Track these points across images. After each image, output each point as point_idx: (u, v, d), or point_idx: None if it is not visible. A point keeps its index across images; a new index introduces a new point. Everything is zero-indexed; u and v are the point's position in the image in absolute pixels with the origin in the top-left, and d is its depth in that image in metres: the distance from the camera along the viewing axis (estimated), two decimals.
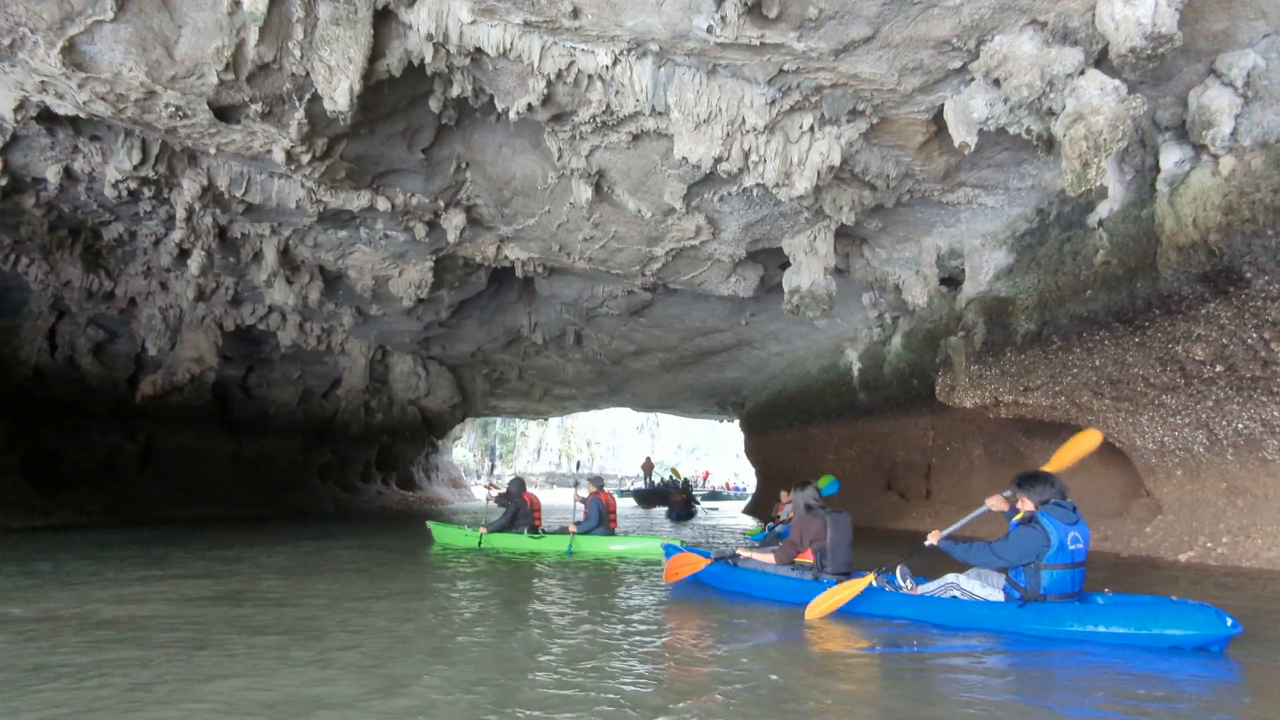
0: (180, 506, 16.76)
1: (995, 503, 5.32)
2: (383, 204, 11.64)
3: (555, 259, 13.64)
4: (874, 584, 5.41)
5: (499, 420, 56.91)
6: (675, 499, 21.30)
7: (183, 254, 13.09)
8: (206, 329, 16.08)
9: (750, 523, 17.98)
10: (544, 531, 10.67)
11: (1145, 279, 7.75)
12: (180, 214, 11.22)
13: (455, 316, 18.89)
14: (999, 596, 4.92)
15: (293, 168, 9.69)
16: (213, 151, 9.34)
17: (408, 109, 9.78)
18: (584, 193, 10.52)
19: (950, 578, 5.27)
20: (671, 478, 29.69)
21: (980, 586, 5.05)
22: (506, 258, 14.23)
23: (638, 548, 9.85)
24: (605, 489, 10.93)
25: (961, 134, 7.40)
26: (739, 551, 6.85)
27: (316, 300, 14.92)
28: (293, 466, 20.86)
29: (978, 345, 9.89)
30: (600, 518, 10.29)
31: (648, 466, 33.72)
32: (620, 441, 69.44)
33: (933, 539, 5.19)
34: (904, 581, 5.54)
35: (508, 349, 22.10)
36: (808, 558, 6.11)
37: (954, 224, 10.98)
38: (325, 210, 11.81)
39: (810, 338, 17.32)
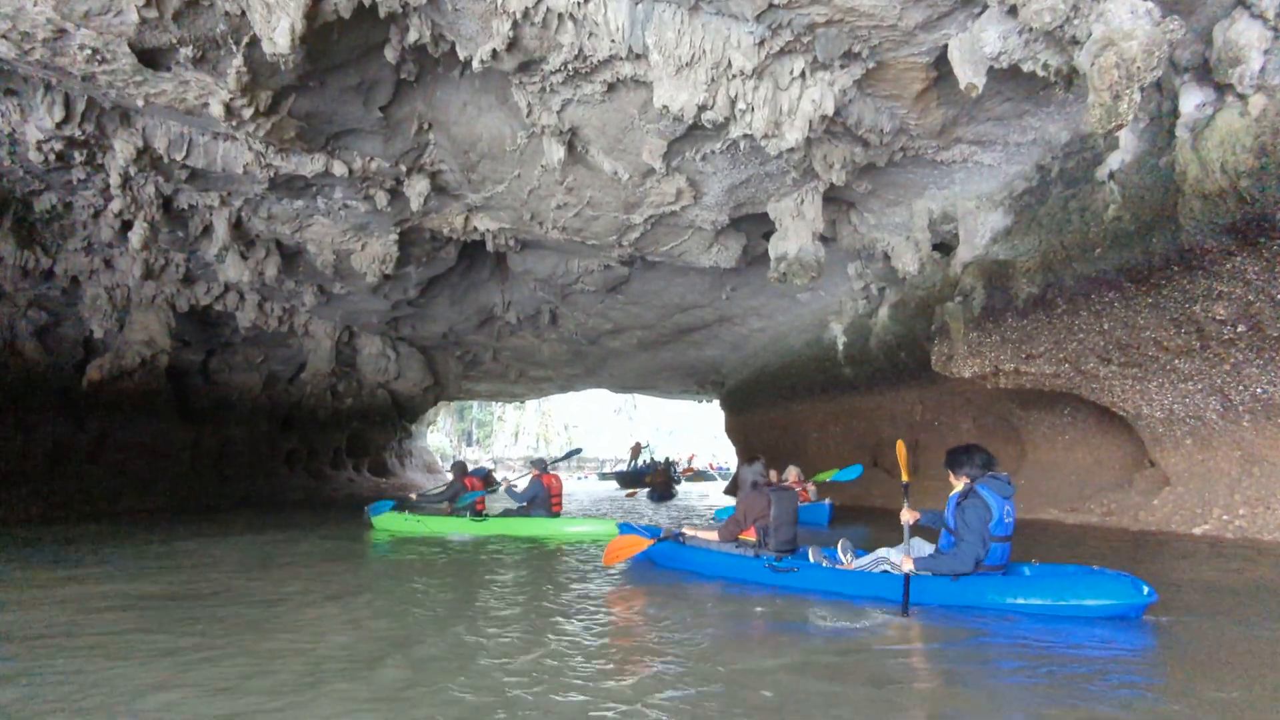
0: (136, 499, 15.75)
1: (906, 516, 5.09)
2: (339, 169, 10.70)
3: (527, 230, 12.78)
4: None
5: (475, 404, 55.86)
6: (656, 480, 21.26)
7: (125, 227, 12.05)
8: (157, 310, 14.99)
9: (729, 501, 17.40)
10: (486, 515, 10.35)
11: (1162, 233, 7.12)
12: (115, 180, 10.19)
13: (425, 296, 17.95)
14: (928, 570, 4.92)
15: (234, 124, 8.72)
16: (141, 104, 8.34)
17: (361, 60, 8.85)
18: (556, 153, 9.67)
19: (881, 552, 5.24)
20: (653, 460, 29.18)
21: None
22: (475, 229, 13.33)
23: (584, 530, 9.52)
24: (551, 471, 10.67)
25: (968, 74, 6.67)
26: (684, 530, 6.81)
27: (274, 277, 13.93)
28: (258, 455, 19.83)
29: (976, 311, 9.24)
30: (538, 501, 10.02)
31: (635, 450, 33.34)
32: (599, 424, 68.69)
33: (910, 516, 5.06)
34: (844, 556, 5.49)
35: (481, 329, 21.18)
36: (751, 535, 6.08)
37: (947, 185, 10.31)
38: (277, 176, 10.84)
39: (793, 312, 16.65)
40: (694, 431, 63.86)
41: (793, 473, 10.73)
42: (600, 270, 15.93)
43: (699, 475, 33.49)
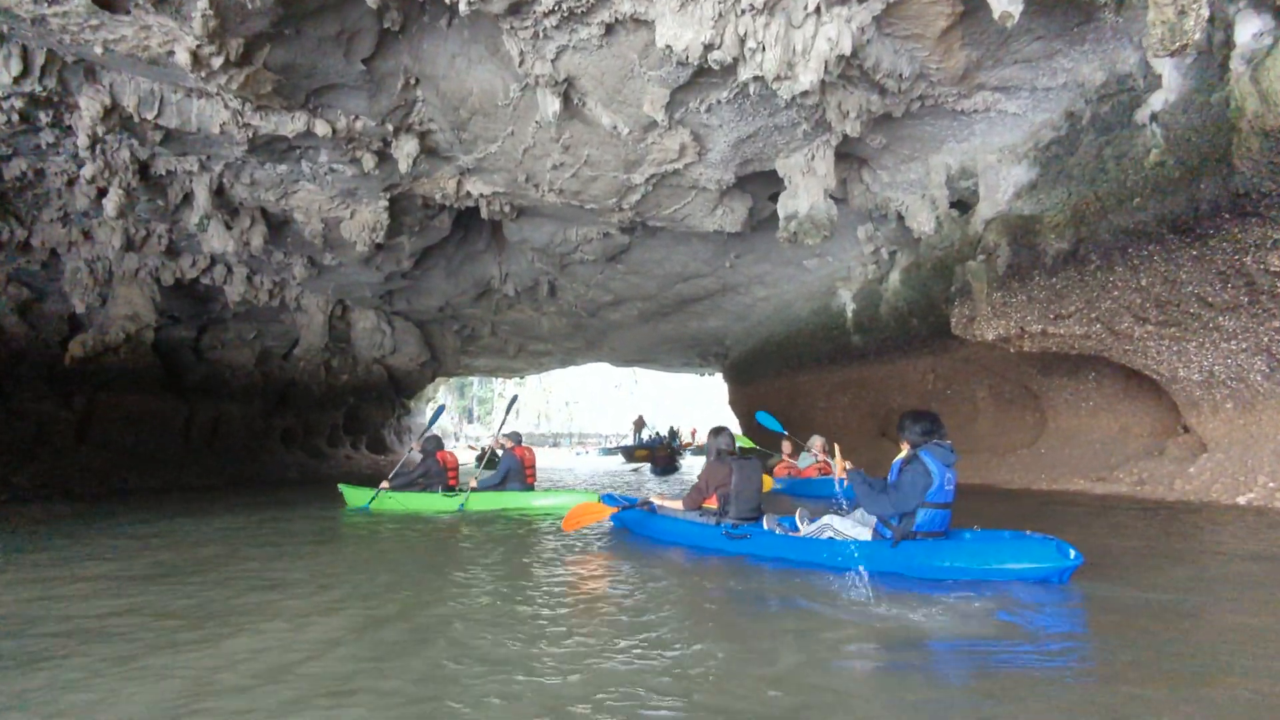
0: (126, 478, 15.22)
1: (839, 467, 5.30)
2: (322, 128, 10.02)
3: (522, 193, 12.11)
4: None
5: (476, 381, 55.37)
6: (659, 454, 21.06)
7: (101, 195, 11.41)
8: (141, 283, 14.36)
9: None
10: (459, 490, 10.11)
11: (1212, 178, 6.49)
12: (83, 140, 9.51)
13: (419, 267, 17.32)
14: (868, 536, 4.99)
15: (204, 76, 8.04)
16: (100, 52, 7.64)
17: (340, 6, 8.16)
18: (551, 105, 8.99)
19: (826, 519, 5.30)
20: (657, 434, 29.15)
21: (852, 526, 5.09)
22: (469, 194, 12.68)
23: (560, 502, 9.41)
24: (523, 444, 10.60)
25: (1004, 2, 6.00)
26: (652, 499, 6.93)
27: (260, 247, 13.28)
28: (253, 432, 19.28)
29: (1001, 270, 8.62)
30: (511, 474, 9.94)
31: (639, 423, 33.19)
32: (601, 400, 68.22)
33: (845, 468, 5.17)
34: (801, 524, 5.49)
35: (478, 302, 20.56)
36: (714, 504, 6.16)
37: (967, 138, 9.64)
38: (256, 137, 10.17)
39: (799, 280, 16.02)
40: (697, 406, 63.42)
41: (817, 442, 9.93)
42: (599, 238, 15.29)
43: (702, 450, 32.93)
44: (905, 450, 4.81)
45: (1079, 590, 4.20)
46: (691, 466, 23.15)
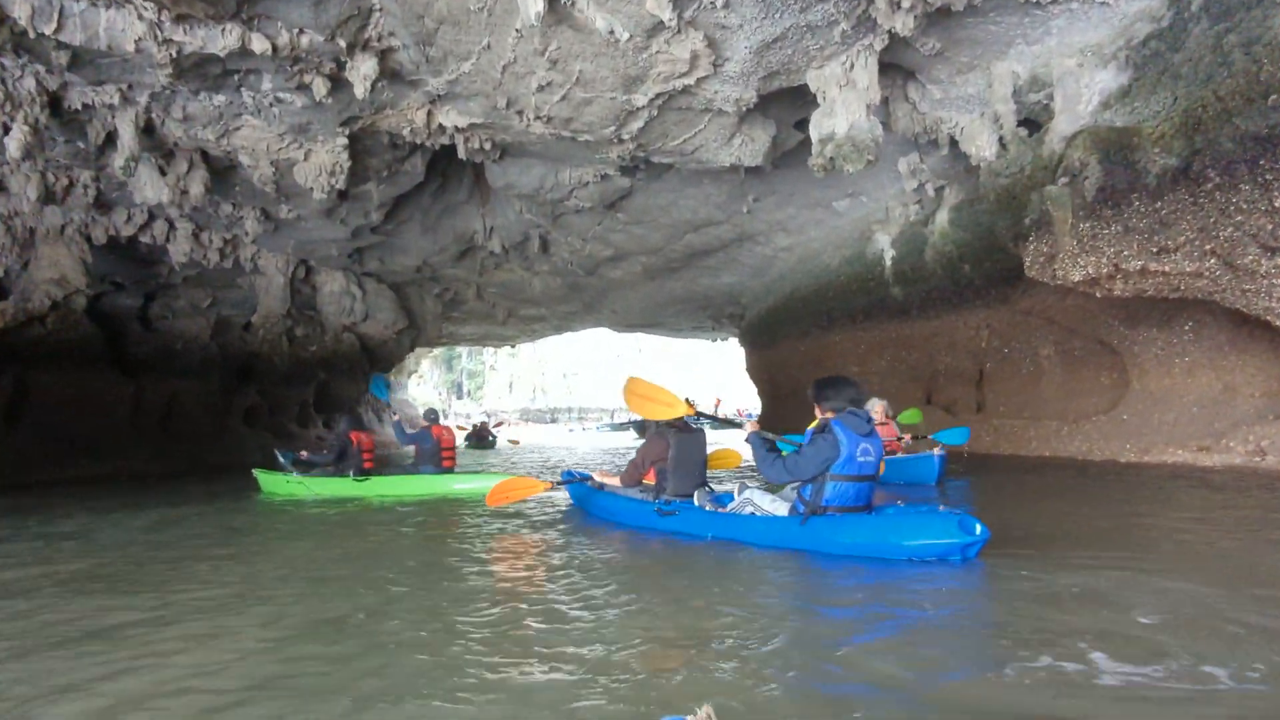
0: (63, 466, 14.34)
1: (749, 428, 5.31)
2: (260, 44, 8.90)
3: (505, 124, 11.00)
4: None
5: (465, 354, 54.49)
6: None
7: (6, 133, 10.34)
8: (69, 242, 13.34)
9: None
10: (373, 474, 10.00)
11: None
12: None
13: (391, 221, 16.26)
14: (785, 511, 5.05)
15: None
16: None
17: None
18: (533, 6, 7.86)
19: (748, 494, 5.37)
20: None
21: (770, 501, 5.18)
22: (442, 128, 11.56)
23: (476, 487, 9.15)
24: (441, 422, 10.44)
25: None
26: (594, 475, 7.13)
27: (201, 197, 12.21)
28: (210, 412, 18.37)
29: (1090, 194, 7.53)
30: (425, 453, 9.83)
31: None
32: (608, 372, 67.20)
33: (750, 428, 5.24)
34: (738, 499, 5.54)
35: (461, 261, 19.51)
36: (652, 479, 6.26)
37: (1040, 39, 8.50)
38: (182, 57, 9.05)
39: (828, 225, 14.93)
40: (706, 377, 62.56)
41: (878, 407, 8.74)
42: (596, 181, 14.21)
43: (727, 421, 32.59)
44: (819, 418, 4.86)
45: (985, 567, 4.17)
46: (713, 443, 22.39)
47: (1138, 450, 9.09)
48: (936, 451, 8.22)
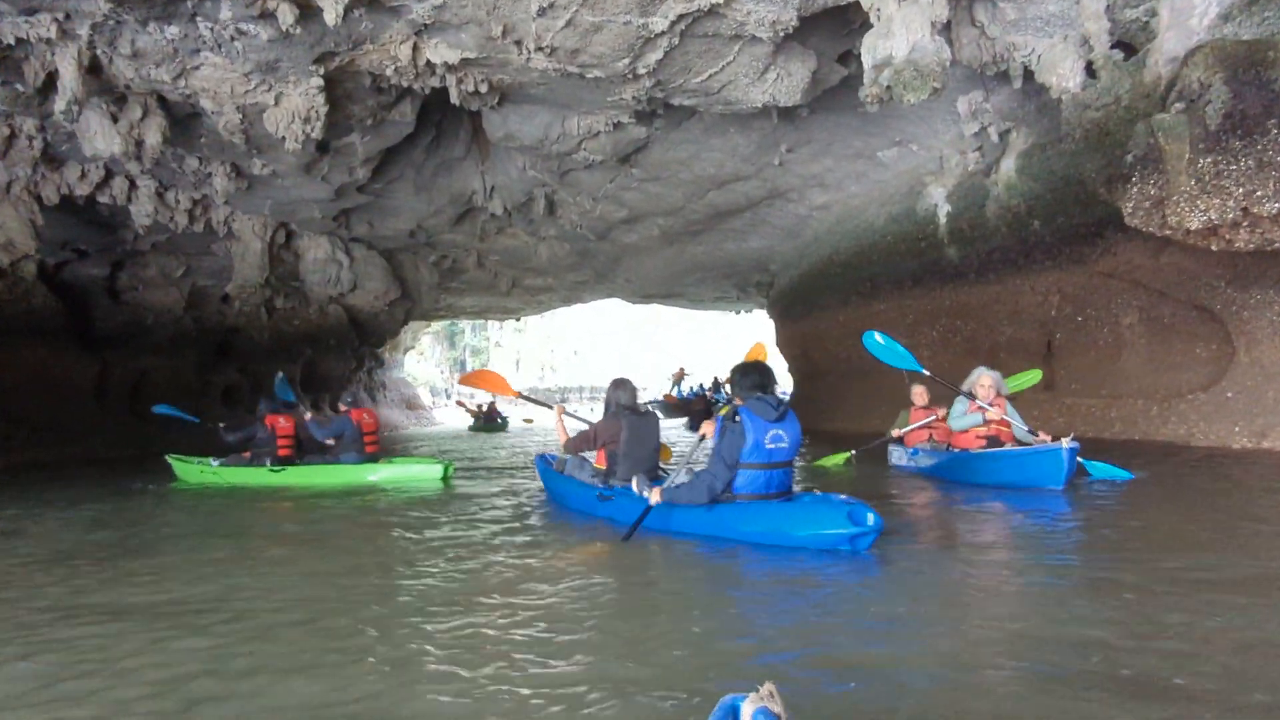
0: (18, 450, 13.74)
1: (706, 428, 5.51)
2: None
3: (502, 58, 10.08)
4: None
5: (469, 329, 53.80)
6: (694, 407, 21.59)
7: None
8: (15, 201, 12.59)
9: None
10: (292, 463, 9.86)
11: None
12: None
13: (380, 179, 15.44)
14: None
15: None
16: None
17: None
18: None
19: (669, 480, 5.57)
20: (695, 387, 29.95)
21: (644, 486, 5.57)
22: (431, 67, 10.64)
23: (402, 474, 9.28)
24: (361, 407, 10.28)
25: None
26: (555, 453, 7.51)
27: (159, 147, 11.40)
28: (185, 391, 17.66)
29: (1214, 122, 6.54)
30: (346, 439, 9.59)
31: (679, 376, 33.06)
32: (626, 349, 66.29)
33: (654, 499, 5.30)
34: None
35: (459, 225, 18.68)
36: (603, 463, 6.41)
37: None
38: None
39: (871, 178, 13.93)
40: (729, 353, 61.58)
41: (985, 380, 7.56)
42: (608, 131, 13.30)
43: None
44: (727, 408, 5.10)
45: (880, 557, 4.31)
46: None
47: (1252, 433, 8.16)
48: (1066, 443, 6.42)
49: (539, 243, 20.34)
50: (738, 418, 4.84)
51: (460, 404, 32.05)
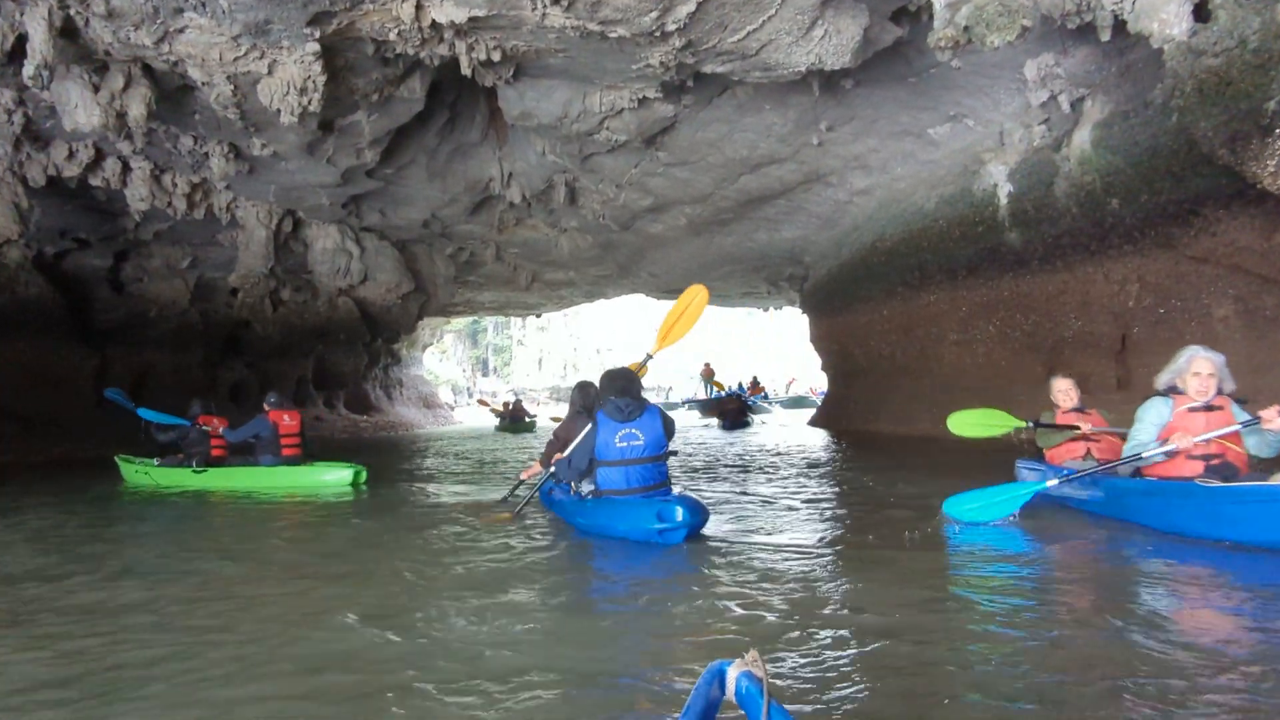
0: (14, 449, 12.86)
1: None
2: None
3: (514, 17, 8.94)
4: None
5: (491, 326, 52.94)
6: (728, 406, 21.60)
7: None
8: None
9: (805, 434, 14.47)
10: (219, 465, 9.78)
11: None
12: None
13: (390, 163, 14.40)
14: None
15: None
16: None
17: None
18: None
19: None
20: (734, 387, 29.59)
21: (587, 484, 5.62)
22: (438, 30, 9.53)
23: (321, 479, 9.01)
24: (289, 408, 9.96)
25: None
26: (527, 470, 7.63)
27: (144, 119, 10.40)
28: (191, 388, 16.68)
29: None
30: (263, 442, 9.29)
31: (707, 373, 32.33)
32: (639, 346, 65.25)
33: (534, 469, 6.80)
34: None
35: (476, 215, 17.60)
36: None
37: None
38: None
39: (919, 159, 12.64)
40: (756, 350, 60.25)
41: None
42: (632, 108, 12.15)
43: (797, 401, 34.74)
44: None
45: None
46: (775, 425, 21.00)
47: None
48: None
49: (560, 234, 19.23)
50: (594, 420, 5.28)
51: (482, 402, 31.02)
